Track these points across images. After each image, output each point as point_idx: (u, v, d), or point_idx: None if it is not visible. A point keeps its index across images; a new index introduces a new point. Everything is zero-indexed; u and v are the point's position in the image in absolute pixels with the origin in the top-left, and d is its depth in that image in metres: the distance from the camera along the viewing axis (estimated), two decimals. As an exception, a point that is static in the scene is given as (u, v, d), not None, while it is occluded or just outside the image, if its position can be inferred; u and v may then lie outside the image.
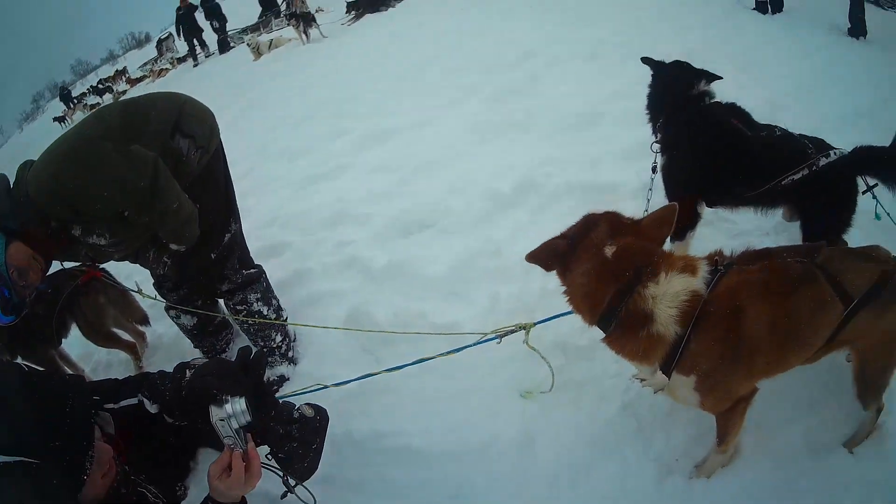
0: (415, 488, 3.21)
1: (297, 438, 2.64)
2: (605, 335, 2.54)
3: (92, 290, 4.39)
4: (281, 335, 4.10)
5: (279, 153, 8.02)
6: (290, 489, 2.70)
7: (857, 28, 10.18)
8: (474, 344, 3.52)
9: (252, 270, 3.98)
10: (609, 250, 2.46)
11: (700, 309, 2.35)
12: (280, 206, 6.21)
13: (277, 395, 3.75)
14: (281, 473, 2.67)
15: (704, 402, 2.57)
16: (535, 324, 3.50)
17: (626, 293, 2.41)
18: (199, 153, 3.36)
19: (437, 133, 7.03)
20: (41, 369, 3.60)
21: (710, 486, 2.85)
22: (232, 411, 2.39)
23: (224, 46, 21.85)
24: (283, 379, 4.04)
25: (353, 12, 18.88)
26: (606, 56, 8.19)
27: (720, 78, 3.98)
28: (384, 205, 5.63)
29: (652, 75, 4.18)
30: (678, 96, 3.95)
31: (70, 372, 4.53)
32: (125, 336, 4.73)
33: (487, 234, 4.77)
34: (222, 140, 3.61)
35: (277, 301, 4.18)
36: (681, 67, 4.07)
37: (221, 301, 4.17)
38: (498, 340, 3.47)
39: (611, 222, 2.57)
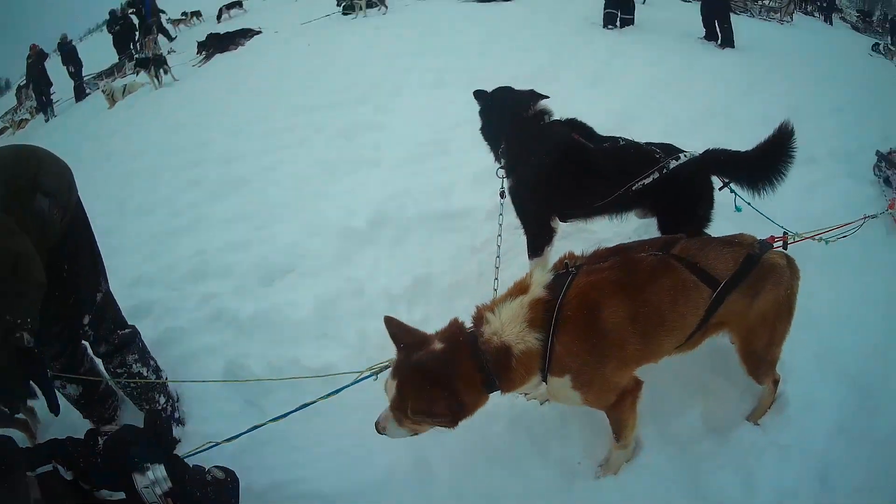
0: None
1: (213, 501, 2.67)
2: (500, 392, 2.64)
3: None
4: (164, 396, 3.98)
5: (136, 208, 7.69)
6: None
7: (712, 34, 10.83)
8: (352, 384, 3.55)
9: (127, 331, 3.81)
10: (435, 353, 2.57)
11: (555, 313, 2.46)
12: (142, 263, 5.96)
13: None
14: None
15: (587, 398, 2.66)
16: None
17: (478, 356, 2.51)
18: (61, 213, 3.09)
19: (289, 175, 7.03)
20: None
21: (620, 481, 2.94)
22: (154, 478, 2.42)
23: (80, 93, 20.70)
24: (174, 441, 3.85)
25: (203, 52, 18.32)
26: (451, 83, 8.42)
27: (547, 97, 4.09)
28: (243, 253, 5.57)
29: (481, 106, 4.25)
30: (515, 118, 3.99)
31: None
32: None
33: (347, 274, 4.85)
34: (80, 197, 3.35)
35: (155, 362, 4.06)
36: (509, 92, 4.17)
37: (101, 367, 3.96)
38: (374, 378, 3.46)
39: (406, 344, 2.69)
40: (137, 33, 22.56)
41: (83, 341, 3.66)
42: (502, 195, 4.14)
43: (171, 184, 8.11)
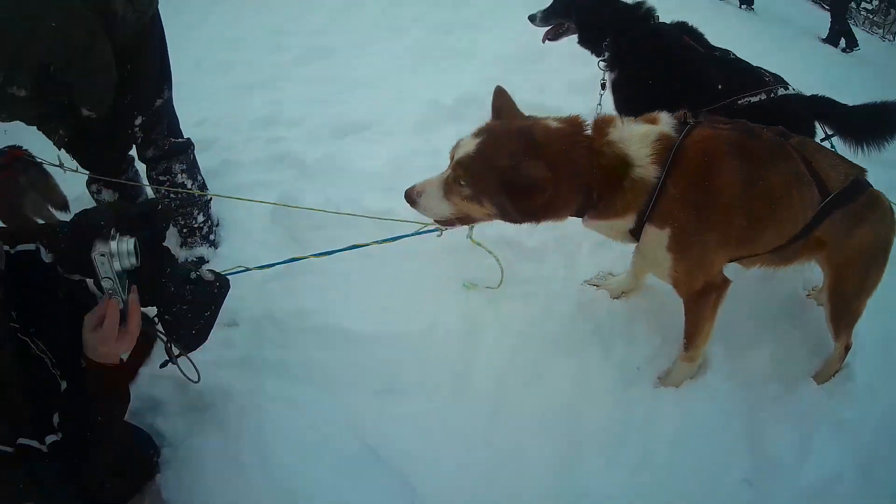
0: (340, 372, 2.85)
1: (189, 301, 2.27)
2: (584, 219, 2.35)
3: (12, 169, 3.85)
4: (203, 215, 3.68)
5: (214, 65, 7.36)
6: (173, 359, 2.35)
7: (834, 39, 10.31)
8: (414, 234, 3.23)
9: (181, 140, 3.56)
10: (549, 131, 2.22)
11: (674, 152, 2.17)
12: (210, 109, 5.55)
13: None
14: (165, 339, 2.30)
15: (676, 268, 2.35)
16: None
17: (594, 156, 2.17)
18: (136, 16, 2.99)
19: (380, 53, 6.58)
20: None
21: (678, 395, 2.64)
22: (117, 249, 1.92)
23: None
24: (201, 261, 3.62)
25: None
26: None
27: None
28: (320, 108, 5.19)
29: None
30: (623, 14, 3.80)
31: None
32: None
33: (427, 137, 4.45)
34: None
35: (203, 179, 3.75)
36: None
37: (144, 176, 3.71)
38: (439, 232, 3.16)
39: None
40: None
41: (132, 144, 3.46)
42: (602, 86, 3.96)
43: (253, 48, 7.68)
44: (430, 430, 2.62)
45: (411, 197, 2.36)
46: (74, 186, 3.74)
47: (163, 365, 2.39)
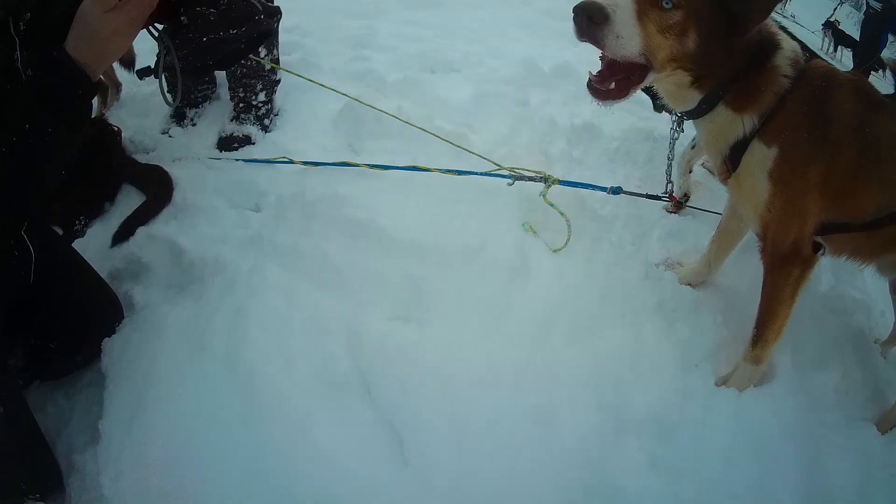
0: (357, 277, 2.48)
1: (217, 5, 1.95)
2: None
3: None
4: (266, 95, 3.40)
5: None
6: (158, 70, 2.01)
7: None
8: (483, 174, 2.93)
9: (271, 3, 3.21)
10: None
11: (799, 71, 1.97)
12: (305, 19, 5.29)
13: (236, 156, 3.16)
14: (163, 43, 1.93)
15: (772, 203, 2.06)
16: (558, 180, 2.91)
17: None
18: None
19: (487, 16, 6.22)
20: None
21: (740, 400, 2.25)
22: None
23: None
24: (247, 139, 3.33)
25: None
26: None
27: None
28: (415, 45, 4.86)
29: None
30: None
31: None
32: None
33: (517, 90, 4.07)
34: None
35: (279, 55, 3.49)
36: None
37: None
38: (510, 181, 2.89)
39: None
40: None
41: None
42: None
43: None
44: (444, 370, 2.22)
45: (596, 11, 1.67)
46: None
47: (142, 74, 2.10)
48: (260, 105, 3.40)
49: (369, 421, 2.10)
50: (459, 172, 2.94)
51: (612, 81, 1.82)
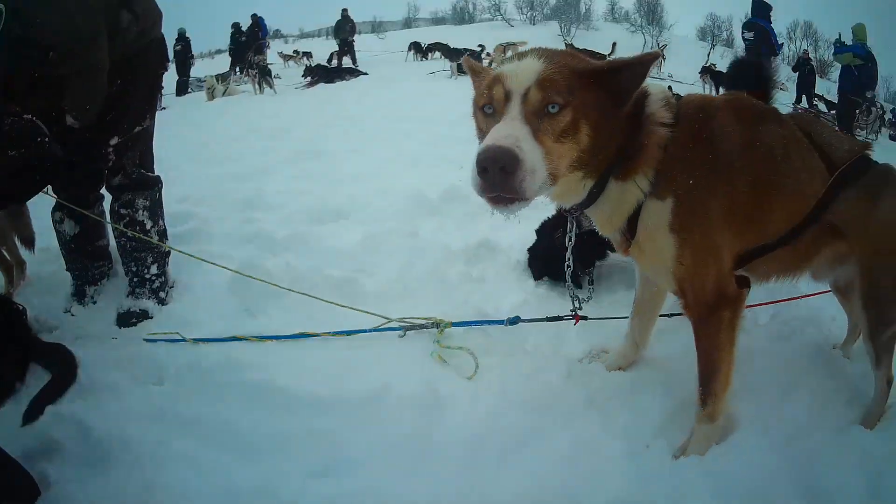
0: (264, 439, 2.41)
1: None
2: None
3: None
4: (158, 268, 3.44)
5: (207, 159, 7.35)
6: None
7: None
8: (372, 330, 3.01)
9: (150, 174, 3.44)
10: None
11: (674, 110, 1.97)
12: (195, 189, 5.43)
13: (134, 333, 3.17)
14: None
15: (681, 255, 1.99)
16: (451, 323, 2.96)
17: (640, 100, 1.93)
18: (137, 34, 3.07)
19: (370, 156, 6.62)
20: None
21: (707, 465, 2.10)
22: None
23: (182, 89, 20.76)
24: (144, 314, 3.33)
25: (309, 77, 18.60)
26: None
27: None
28: (302, 198, 5.08)
29: None
30: None
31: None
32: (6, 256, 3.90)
33: (407, 223, 4.27)
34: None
35: (164, 226, 3.54)
36: None
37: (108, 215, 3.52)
38: (402, 333, 2.96)
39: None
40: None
41: (104, 167, 3.28)
42: None
43: (247, 148, 7.76)
44: None
45: (503, 151, 1.55)
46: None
47: None
48: (153, 278, 3.41)
49: None
50: (348, 333, 2.97)
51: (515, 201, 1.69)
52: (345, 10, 25.38)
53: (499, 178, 1.55)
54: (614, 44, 22.87)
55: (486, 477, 2.15)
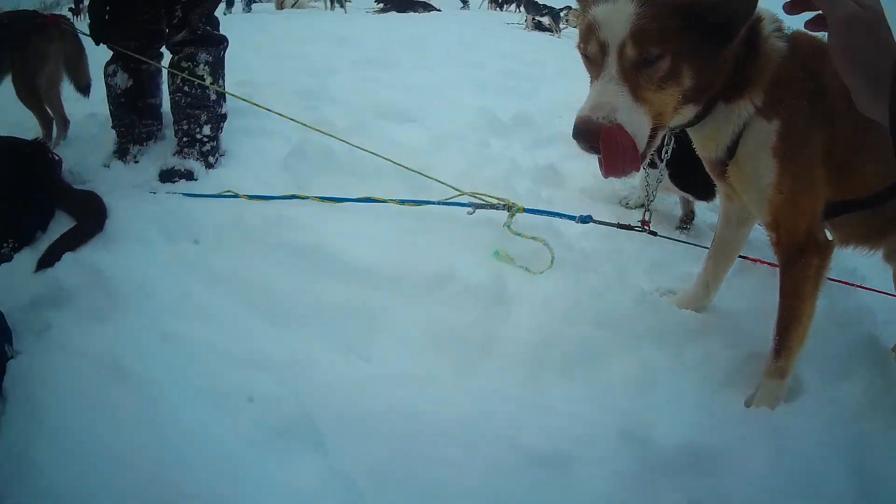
0: (306, 306, 2.23)
1: None
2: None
3: (47, 33, 3.69)
4: (211, 129, 3.28)
5: (274, 54, 7.06)
6: None
7: None
8: (441, 202, 2.79)
9: (216, 32, 3.35)
10: None
11: (788, 38, 1.84)
12: (257, 74, 5.19)
13: (176, 189, 3.02)
14: None
15: (780, 183, 1.89)
16: (523, 208, 2.74)
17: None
18: None
19: (441, 74, 6.25)
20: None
21: (774, 421, 1.97)
22: None
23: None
24: (189, 174, 3.15)
25: (382, 4, 18.26)
26: None
27: None
28: (368, 98, 4.76)
29: None
30: None
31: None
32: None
33: (476, 137, 3.99)
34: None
35: (223, 81, 3.43)
36: None
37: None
38: (471, 210, 2.74)
39: None
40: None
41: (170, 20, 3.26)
42: None
43: (311, 51, 7.41)
44: (416, 412, 1.87)
45: (596, 126, 1.52)
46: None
47: None
48: (205, 140, 3.26)
49: (322, 475, 1.68)
50: (416, 202, 2.78)
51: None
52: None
53: (595, 153, 1.57)
54: None
55: (549, 388, 2.00)
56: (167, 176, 3.15)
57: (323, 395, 1.90)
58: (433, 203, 2.76)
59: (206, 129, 3.26)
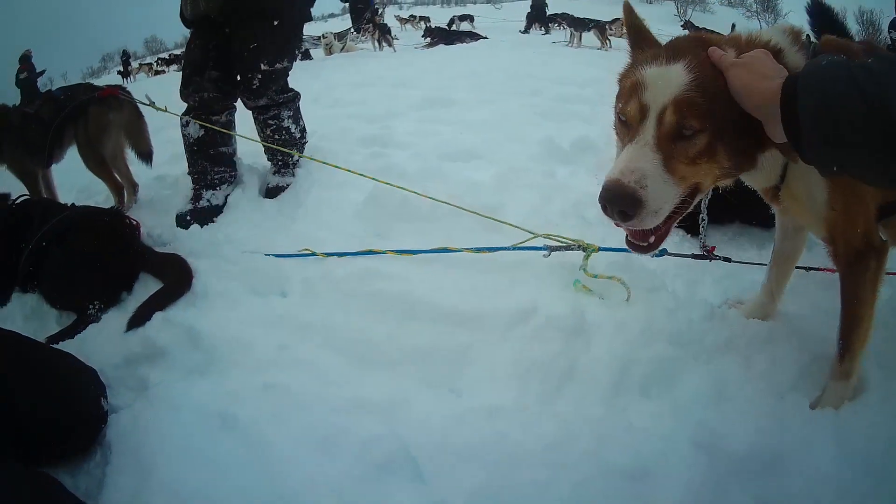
0: (392, 348, 2.37)
1: None
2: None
3: (105, 104, 3.93)
4: (299, 157, 4.10)
5: (331, 102, 7.35)
6: None
7: None
8: (515, 247, 2.86)
9: (290, 93, 4.05)
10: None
11: (814, 44, 1.75)
12: (321, 125, 5.38)
13: (259, 249, 3.20)
14: None
15: (834, 201, 1.87)
16: (598, 248, 2.79)
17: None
18: None
19: (500, 107, 6.36)
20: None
21: (837, 420, 2.00)
22: None
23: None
24: (287, 188, 3.95)
25: (428, 38, 18.59)
26: None
27: None
28: (432, 139, 4.97)
29: None
30: None
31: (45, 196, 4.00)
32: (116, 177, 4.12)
33: (541, 164, 4.14)
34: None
35: (304, 124, 4.21)
36: None
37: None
38: (546, 253, 2.78)
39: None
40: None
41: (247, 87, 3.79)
42: None
43: (372, 93, 7.76)
44: (508, 439, 1.99)
45: (624, 194, 1.51)
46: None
47: None
48: (296, 162, 4.09)
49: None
50: (490, 249, 2.87)
51: (652, 235, 1.69)
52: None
53: (620, 218, 1.55)
54: (733, 25, 22.33)
55: (629, 407, 2.11)
56: (273, 192, 3.92)
57: (419, 430, 2.03)
58: (508, 249, 2.86)
59: (296, 157, 4.05)
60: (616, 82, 1.75)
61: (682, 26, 21.36)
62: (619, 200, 1.52)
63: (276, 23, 3.63)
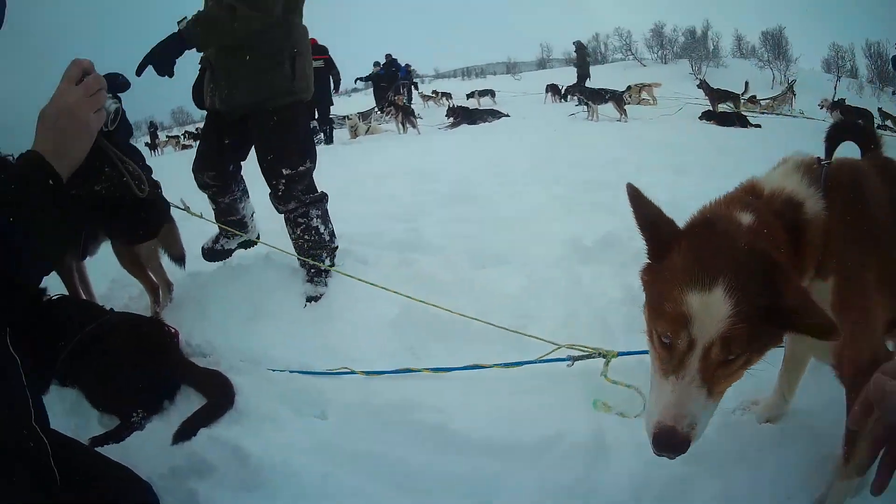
0: (433, 479, 2.46)
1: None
2: None
3: None
4: (330, 260, 4.25)
5: (359, 197, 7.60)
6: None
7: None
8: (539, 361, 3.06)
9: (317, 193, 4.21)
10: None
11: (824, 187, 1.85)
12: (348, 226, 5.53)
13: (297, 368, 3.32)
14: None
15: (843, 325, 1.79)
16: (616, 353, 2.98)
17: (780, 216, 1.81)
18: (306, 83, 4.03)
19: (524, 201, 6.65)
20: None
21: None
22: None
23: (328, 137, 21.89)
24: (322, 297, 4.10)
25: (451, 118, 18.97)
26: (692, 173, 8.06)
27: None
28: (461, 242, 5.15)
29: None
30: None
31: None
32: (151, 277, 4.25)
33: (566, 272, 4.27)
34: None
35: (332, 227, 4.33)
36: None
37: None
38: (570, 363, 2.99)
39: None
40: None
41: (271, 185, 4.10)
42: None
43: (397, 187, 7.99)
44: None
45: (678, 441, 1.57)
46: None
47: None
48: (328, 269, 4.19)
49: None
50: (518, 364, 3.06)
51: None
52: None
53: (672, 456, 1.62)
54: (746, 83, 22.90)
55: None
56: (312, 300, 4.07)
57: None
58: (534, 362, 3.04)
59: (328, 262, 4.20)
60: (640, 278, 1.84)
61: (698, 86, 21.76)
62: (675, 448, 1.58)
63: (293, 132, 3.96)
